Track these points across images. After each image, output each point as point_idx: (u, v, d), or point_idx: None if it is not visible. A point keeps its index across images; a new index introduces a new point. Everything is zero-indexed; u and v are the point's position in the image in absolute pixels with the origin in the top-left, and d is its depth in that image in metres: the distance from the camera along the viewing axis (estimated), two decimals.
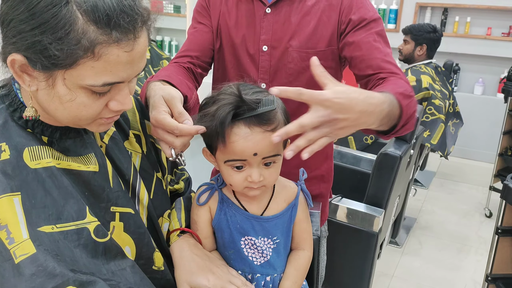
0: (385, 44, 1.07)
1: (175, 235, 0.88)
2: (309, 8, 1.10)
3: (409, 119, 0.91)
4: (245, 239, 0.89)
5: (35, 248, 0.61)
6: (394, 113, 0.86)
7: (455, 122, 3.19)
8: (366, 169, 2.26)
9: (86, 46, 0.58)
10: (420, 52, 3.08)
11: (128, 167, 0.81)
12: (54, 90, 0.62)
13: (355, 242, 1.77)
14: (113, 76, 0.62)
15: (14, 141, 0.66)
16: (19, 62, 0.61)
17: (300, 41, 1.09)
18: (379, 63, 1.02)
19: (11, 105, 0.69)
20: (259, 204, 0.90)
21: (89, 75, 0.61)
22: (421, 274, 2.53)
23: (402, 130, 0.92)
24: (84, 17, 0.58)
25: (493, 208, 3.26)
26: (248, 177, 0.82)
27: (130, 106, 0.69)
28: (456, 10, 4.28)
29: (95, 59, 0.59)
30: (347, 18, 1.07)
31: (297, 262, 0.93)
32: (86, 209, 0.69)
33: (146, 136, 0.91)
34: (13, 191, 0.63)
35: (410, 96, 0.92)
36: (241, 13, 1.13)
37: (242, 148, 0.78)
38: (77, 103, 0.64)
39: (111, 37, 0.59)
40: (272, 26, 1.10)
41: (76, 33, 0.58)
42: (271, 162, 0.83)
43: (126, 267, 0.71)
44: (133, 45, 0.62)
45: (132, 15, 0.60)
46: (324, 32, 1.09)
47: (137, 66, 0.65)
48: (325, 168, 1.25)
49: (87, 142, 0.75)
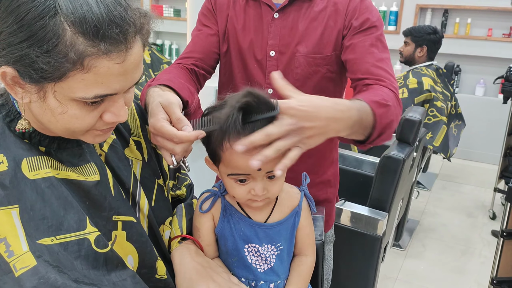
0: (382, 49, 1.06)
1: (176, 242, 0.87)
2: (316, 14, 1.10)
3: (386, 128, 0.90)
4: (249, 247, 0.88)
5: (35, 261, 0.60)
6: (367, 121, 0.85)
7: (457, 123, 3.18)
8: (368, 172, 2.25)
9: (74, 59, 0.56)
10: (420, 53, 3.07)
11: (128, 176, 0.80)
12: (45, 103, 0.61)
13: (359, 246, 1.76)
14: (105, 88, 0.61)
15: (12, 152, 0.65)
16: (10, 74, 0.59)
17: (307, 47, 1.09)
18: (368, 68, 1.02)
19: (8, 115, 0.68)
20: (262, 211, 0.89)
21: (79, 87, 0.59)
22: (424, 277, 2.51)
23: (379, 140, 0.91)
24: (72, 29, 0.56)
25: (497, 209, 3.24)
26: (251, 190, 0.80)
27: (125, 119, 0.67)
28: (456, 11, 4.28)
29: (84, 71, 0.58)
30: (350, 22, 1.07)
31: (299, 268, 0.92)
32: (87, 219, 0.68)
33: (147, 142, 0.89)
34: (10, 204, 0.62)
35: (386, 105, 0.90)
36: (249, 17, 1.13)
37: (246, 164, 0.74)
38: (69, 116, 0.62)
39: (100, 49, 0.57)
40: (279, 31, 1.10)
41: (63, 46, 0.56)
42: (274, 175, 0.80)
43: (127, 277, 0.70)
44: (125, 56, 0.60)
45: (123, 25, 0.58)
46: (330, 38, 1.09)
47: (131, 77, 0.64)
48: (331, 173, 1.24)
49: (86, 151, 0.73)
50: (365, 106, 0.86)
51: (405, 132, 2.00)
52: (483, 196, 3.58)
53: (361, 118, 0.83)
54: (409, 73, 3.05)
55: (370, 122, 0.86)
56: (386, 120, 0.89)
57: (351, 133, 0.84)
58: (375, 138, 0.90)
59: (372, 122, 0.87)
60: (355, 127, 0.83)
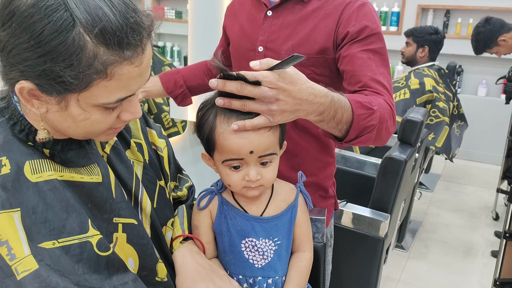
0: (381, 62, 1.03)
1: (178, 242, 0.88)
2: (308, 14, 1.09)
3: (364, 131, 0.89)
4: (246, 241, 0.89)
5: (37, 264, 0.60)
6: (344, 117, 0.85)
7: (459, 124, 3.18)
8: (370, 173, 2.24)
9: (99, 69, 0.58)
10: (422, 54, 3.07)
11: (130, 177, 0.80)
12: (67, 112, 0.62)
13: (361, 247, 1.76)
14: (126, 91, 0.63)
15: (14, 155, 0.65)
16: (27, 88, 0.60)
17: (293, 45, 1.08)
18: (367, 81, 1.00)
19: (11, 118, 0.68)
20: (258, 205, 0.91)
21: (103, 94, 0.61)
22: (427, 278, 2.50)
23: (356, 141, 0.90)
24: (93, 40, 0.57)
25: (500, 210, 3.23)
26: (245, 176, 0.83)
27: (140, 114, 0.70)
28: (458, 11, 4.27)
29: (108, 79, 0.59)
30: (344, 30, 1.04)
31: (298, 264, 0.93)
32: (89, 222, 0.68)
33: (148, 144, 0.90)
34: (12, 207, 0.62)
35: (370, 109, 0.88)
36: (248, 15, 1.18)
37: (238, 147, 0.79)
38: (91, 121, 0.64)
39: (123, 56, 0.59)
40: (269, 28, 1.12)
41: (87, 57, 0.57)
42: (267, 161, 0.84)
43: (128, 281, 0.70)
44: (142, 58, 0.62)
45: (139, 30, 0.60)
46: (318, 39, 1.07)
47: (146, 77, 0.66)
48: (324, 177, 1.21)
49: (90, 152, 0.74)
50: (346, 102, 0.86)
51: (407, 133, 2.00)
52: (486, 197, 3.57)
53: (335, 110, 0.83)
54: (411, 74, 3.04)
55: (347, 119, 0.86)
56: (366, 122, 0.88)
57: (321, 121, 0.84)
58: (353, 139, 0.89)
59: (349, 120, 0.86)
60: (326, 116, 0.83)
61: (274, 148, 0.84)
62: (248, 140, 0.79)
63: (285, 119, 0.79)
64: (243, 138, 0.79)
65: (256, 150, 0.80)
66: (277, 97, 0.75)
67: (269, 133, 0.81)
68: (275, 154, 0.85)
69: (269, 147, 0.82)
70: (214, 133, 0.81)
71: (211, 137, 0.82)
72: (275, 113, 0.76)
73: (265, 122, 0.77)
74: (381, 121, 0.92)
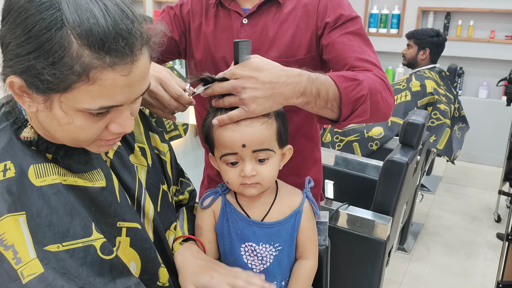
0: (363, 42, 1.02)
1: (178, 243, 0.88)
2: (286, 16, 1.07)
3: (357, 103, 0.87)
4: (245, 246, 0.89)
5: (43, 268, 0.61)
6: (329, 93, 0.84)
7: (461, 126, 3.18)
8: (372, 175, 2.24)
9: (79, 71, 0.57)
10: (423, 56, 3.07)
11: (133, 182, 0.80)
12: (52, 113, 0.62)
13: (363, 250, 1.76)
14: (110, 99, 0.61)
15: (19, 159, 0.65)
16: (17, 84, 0.60)
17: (279, 51, 1.06)
18: (352, 62, 0.98)
19: (16, 122, 0.69)
20: (260, 208, 0.90)
21: (85, 99, 0.60)
22: (429, 280, 2.50)
23: (353, 116, 0.87)
24: (78, 41, 0.56)
25: (502, 212, 3.23)
26: (241, 172, 0.84)
27: (131, 129, 0.68)
28: (458, 14, 4.28)
29: (90, 83, 0.58)
30: (322, 22, 1.04)
31: (298, 272, 0.92)
32: (92, 226, 0.68)
33: (151, 148, 0.90)
34: (17, 210, 0.62)
35: (355, 80, 0.86)
36: (220, 26, 1.11)
37: (230, 140, 0.82)
38: (74, 126, 0.63)
39: (105, 61, 0.57)
40: (249, 37, 1.07)
41: (69, 58, 0.56)
42: (264, 158, 0.84)
43: (131, 284, 0.70)
44: (131, 68, 0.60)
45: (129, 38, 0.59)
46: (302, 39, 1.06)
47: (137, 89, 0.64)
48: (314, 173, 1.23)
49: (93, 158, 0.74)
50: (327, 78, 0.84)
51: (409, 136, 2.00)
52: (488, 198, 3.56)
53: (316, 88, 0.82)
54: (412, 76, 3.04)
55: (334, 95, 0.85)
56: (355, 94, 0.86)
57: (307, 103, 0.83)
58: (348, 115, 0.87)
59: (337, 96, 0.85)
60: (310, 96, 0.82)
61: (269, 144, 0.84)
62: (240, 133, 0.81)
63: (262, 107, 0.79)
64: (235, 131, 0.81)
65: (249, 143, 0.82)
66: (243, 86, 0.78)
67: (261, 126, 0.82)
68: (271, 151, 0.85)
69: (263, 141, 0.83)
70: (212, 131, 0.85)
71: (210, 135, 0.86)
72: (247, 101, 0.78)
73: (240, 113, 0.80)
74: (373, 91, 0.90)
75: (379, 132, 2.83)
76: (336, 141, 2.90)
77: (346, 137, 2.88)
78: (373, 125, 2.86)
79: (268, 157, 0.85)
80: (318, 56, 1.08)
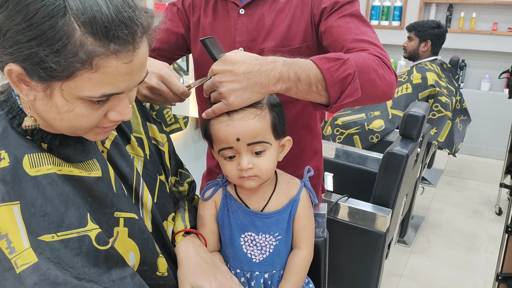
0: (361, 23, 1.00)
1: (180, 235, 0.89)
2: (282, 6, 1.07)
3: (344, 83, 0.82)
4: (245, 236, 0.90)
5: (36, 257, 0.61)
6: (311, 77, 0.81)
7: (462, 119, 3.16)
8: (372, 168, 2.24)
9: (83, 58, 0.57)
10: (424, 48, 3.05)
11: (131, 172, 0.80)
12: (51, 101, 0.62)
13: (362, 242, 1.76)
14: (112, 87, 0.62)
15: (13, 148, 0.65)
16: (16, 72, 0.60)
17: (275, 40, 1.06)
18: (348, 44, 0.96)
19: (10, 111, 0.68)
20: (260, 199, 0.91)
21: (87, 86, 0.60)
22: (430, 273, 2.50)
23: (344, 96, 0.83)
24: (81, 29, 0.57)
25: (503, 205, 3.22)
26: (238, 165, 0.85)
27: (129, 117, 0.68)
28: (461, 6, 4.25)
29: (93, 71, 0.58)
30: (319, 9, 1.03)
31: (291, 261, 0.92)
32: (88, 216, 0.68)
33: (149, 139, 0.90)
34: (12, 200, 0.62)
35: (338, 59, 0.82)
36: (218, 17, 1.12)
37: (225, 134, 0.83)
38: (75, 114, 0.63)
39: (109, 49, 0.58)
40: (246, 28, 1.08)
41: (73, 46, 0.56)
42: (260, 151, 0.85)
43: (127, 275, 0.70)
44: (133, 56, 0.61)
45: (132, 26, 0.59)
46: (298, 29, 1.05)
47: (137, 77, 0.65)
48: (314, 165, 1.22)
49: (88, 148, 0.74)
50: (307, 61, 0.83)
51: (409, 128, 1.99)
52: (489, 191, 3.56)
53: (294, 72, 0.80)
54: (413, 68, 3.03)
55: (317, 77, 0.81)
56: (340, 74, 0.82)
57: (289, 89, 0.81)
58: (339, 96, 0.83)
59: (321, 78, 0.81)
60: (289, 81, 0.80)
61: (263, 136, 0.84)
62: (233, 127, 0.82)
63: (240, 98, 0.80)
64: (228, 125, 0.83)
65: (242, 137, 0.82)
66: (220, 80, 0.80)
67: (254, 119, 0.82)
68: (267, 143, 0.85)
69: (257, 134, 0.83)
70: (209, 126, 0.86)
71: (209, 131, 0.87)
72: (225, 94, 0.80)
73: (221, 106, 0.81)
74: (364, 70, 0.86)
75: (380, 125, 2.82)
76: (337, 134, 2.90)
77: (347, 130, 2.87)
78: (374, 118, 2.86)
79: (265, 149, 0.85)
80: (315, 45, 1.07)
